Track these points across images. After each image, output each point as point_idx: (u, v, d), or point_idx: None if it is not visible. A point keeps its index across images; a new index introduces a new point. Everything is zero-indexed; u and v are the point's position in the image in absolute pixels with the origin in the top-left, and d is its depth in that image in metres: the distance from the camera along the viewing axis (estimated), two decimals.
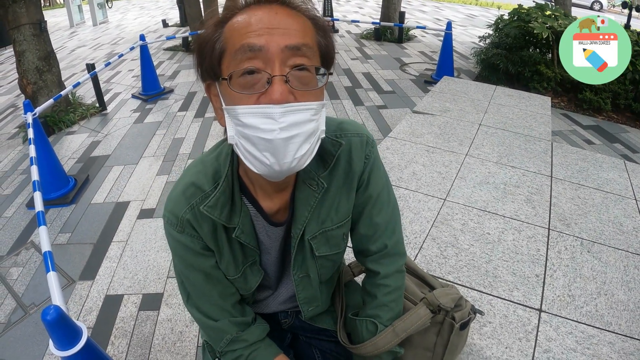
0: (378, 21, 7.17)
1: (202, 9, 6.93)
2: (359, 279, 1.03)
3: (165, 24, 9.50)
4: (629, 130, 4.08)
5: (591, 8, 16.30)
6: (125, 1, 16.11)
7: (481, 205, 2.14)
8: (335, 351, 0.99)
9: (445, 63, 4.93)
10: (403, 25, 6.94)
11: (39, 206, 1.91)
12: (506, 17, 5.04)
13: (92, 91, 4.54)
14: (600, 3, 16.79)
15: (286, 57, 0.58)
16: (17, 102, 5.25)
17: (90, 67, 4.12)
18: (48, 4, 18.69)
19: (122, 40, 8.56)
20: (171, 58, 6.62)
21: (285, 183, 0.74)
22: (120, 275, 2.19)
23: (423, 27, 7.02)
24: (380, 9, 7.94)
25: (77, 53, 7.73)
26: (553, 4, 6.04)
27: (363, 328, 0.87)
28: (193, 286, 0.81)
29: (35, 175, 2.24)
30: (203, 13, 6.85)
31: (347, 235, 0.86)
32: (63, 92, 3.82)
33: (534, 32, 4.38)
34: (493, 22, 5.21)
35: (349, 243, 0.89)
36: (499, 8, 10.21)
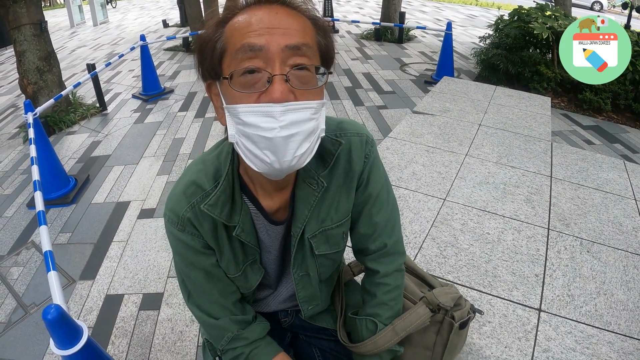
0: (378, 21, 7.18)
1: (203, 10, 6.93)
2: (359, 279, 1.03)
3: (165, 24, 9.52)
4: (629, 130, 4.08)
5: (591, 8, 16.30)
6: (126, 1, 16.13)
7: (481, 205, 2.14)
8: (335, 350, 0.99)
9: (445, 63, 4.94)
10: (403, 25, 6.95)
11: (40, 206, 1.92)
12: (506, 18, 5.04)
13: (93, 91, 4.54)
14: (600, 3, 16.80)
15: (286, 57, 0.58)
16: (18, 102, 5.26)
17: (90, 67, 4.12)
18: (48, 4, 18.70)
19: (123, 40, 8.57)
20: (171, 58, 6.63)
21: (285, 182, 0.74)
22: (120, 275, 2.19)
23: (423, 28, 7.03)
24: (380, 9, 7.95)
25: (78, 53, 7.74)
26: (553, 4, 6.05)
27: (363, 327, 0.88)
28: (194, 284, 0.81)
29: (35, 175, 2.24)
30: (203, 13, 6.85)
31: (347, 234, 0.87)
32: (63, 92, 3.82)
33: (534, 33, 4.38)
34: (493, 23, 5.21)
35: (349, 242, 0.90)
36: (499, 8, 10.22)
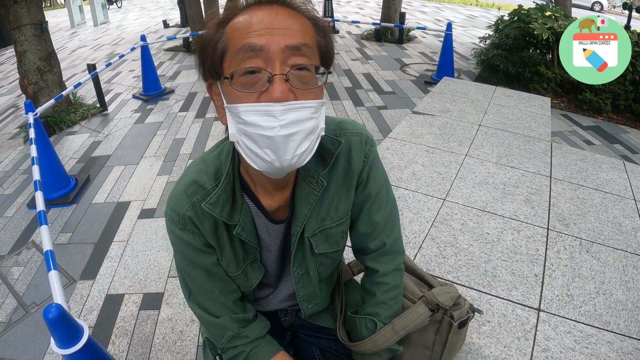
0: (378, 22, 7.19)
1: (203, 10, 6.94)
2: (359, 278, 1.03)
3: (166, 25, 9.53)
4: (629, 131, 4.09)
5: (591, 9, 16.32)
6: (126, 2, 16.15)
7: (480, 205, 2.15)
8: (334, 349, 0.99)
9: (445, 64, 4.94)
10: (403, 26, 6.96)
11: (41, 206, 1.92)
12: (506, 18, 5.04)
13: (93, 91, 4.55)
14: (600, 4, 16.82)
15: (286, 57, 0.59)
16: (18, 102, 5.27)
17: (91, 68, 4.13)
18: (49, 5, 18.72)
19: (123, 40, 8.58)
20: (172, 59, 6.63)
21: (285, 181, 0.75)
22: (121, 274, 2.20)
23: (423, 28, 7.04)
24: (380, 10, 7.96)
25: (78, 53, 7.75)
26: (553, 4, 6.06)
27: (362, 326, 0.88)
28: (195, 283, 0.82)
29: (36, 175, 2.24)
30: (204, 14, 6.86)
31: (347, 233, 0.87)
32: (64, 93, 3.83)
33: (534, 33, 4.39)
34: (493, 23, 5.22)
35: (348, 242, 0.90)
36: (499, 9, 10.20)
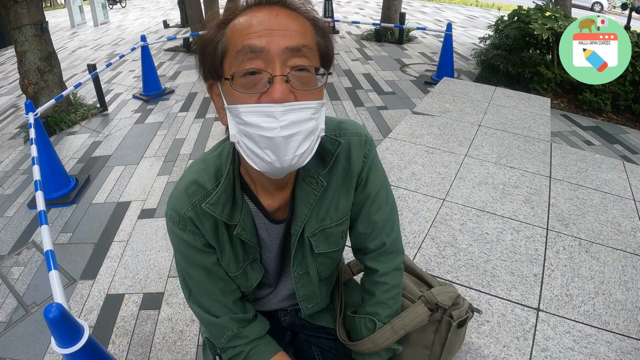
0: (378, 22, 7.19)
1: (203, 10, 6.95)
2: (358, 278, 1.04)
3: (166, 25, 9.53)
4: (629, 131, 4.09)
5: (591, 9, 16.31)
6: (127, 2, 16.14)
7: (480, 205, 2.15)
8: (334, 349, 0.99)
9: (445, 64, 4.95)
10: (403, 26, 6.96)
11: (41, 206, 1.92)
12: (506, 19, 5.05)
13: (93, 92, 4.55)
14: (600, 4, 16.81)
15: (286, 58, 0.59)
16: (19, 103, 5.28)
17: (91, 68, 4.13)
18: (49, 5, 18.72)
19: (123, 40, 8.58)
20: (172, 59, 6.64)
21: (285, 181, 0.75)
22: (121, 274, 2.20)
23: (423, 28, 7.04)
24: (380, 10, 7.96)
25: (78, 53, 7.75)
26: (553, 4, 6.06)
27: (362, 325, 0.88)
28: (195, 283, 0.82)
29: (36, 175, 2.24)
30: (204, 14, 6.87)
31: (346, 233, 0.87)
32: (64, 93, 3.83)
33: (534, 33, 4.39)
34: (493, 23, 5.22)
35: (348, 242, 0.90)
36: (499, 9, 10.21)
